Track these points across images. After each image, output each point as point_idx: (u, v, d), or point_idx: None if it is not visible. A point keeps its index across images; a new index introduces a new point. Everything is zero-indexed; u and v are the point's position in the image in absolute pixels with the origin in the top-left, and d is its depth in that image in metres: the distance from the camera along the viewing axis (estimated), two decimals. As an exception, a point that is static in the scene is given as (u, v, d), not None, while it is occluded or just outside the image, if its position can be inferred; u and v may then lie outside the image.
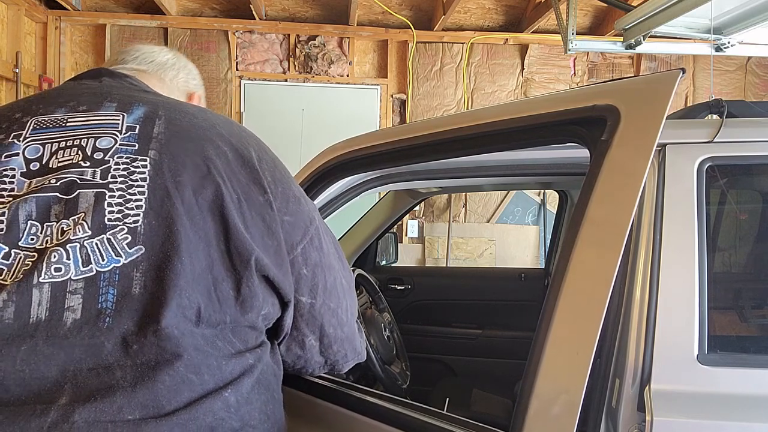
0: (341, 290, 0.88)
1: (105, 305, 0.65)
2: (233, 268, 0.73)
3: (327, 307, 0.85)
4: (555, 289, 0.79)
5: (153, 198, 0.71)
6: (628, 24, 3.07)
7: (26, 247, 0.67)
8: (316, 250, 0.83)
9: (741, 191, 1.15)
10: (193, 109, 0.84)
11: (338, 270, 0.88)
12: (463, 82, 4.72)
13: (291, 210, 0.80)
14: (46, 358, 0.63)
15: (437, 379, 2.50)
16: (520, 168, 1.62)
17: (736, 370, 0.90)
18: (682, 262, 0.92)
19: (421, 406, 0.97)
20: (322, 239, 0.86)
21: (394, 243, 2.90)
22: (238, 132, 0.84)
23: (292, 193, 0.82)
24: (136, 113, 0.79)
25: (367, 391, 1.07)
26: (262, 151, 0.83)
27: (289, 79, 4.57)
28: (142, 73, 1.00)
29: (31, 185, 0.71)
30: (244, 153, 0.79)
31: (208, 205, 0.72)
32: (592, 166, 0.83)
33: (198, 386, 0.67)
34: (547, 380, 0.77)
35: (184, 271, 0.68)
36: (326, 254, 0.85)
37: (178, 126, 0.78)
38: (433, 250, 4.73)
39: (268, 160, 0.82)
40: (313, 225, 0.84)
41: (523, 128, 0.98)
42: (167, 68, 1.06)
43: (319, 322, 0.85)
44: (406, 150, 1.16)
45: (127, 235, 0.68)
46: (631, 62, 4.90)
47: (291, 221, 0.80)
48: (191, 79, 1.11)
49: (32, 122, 0.77)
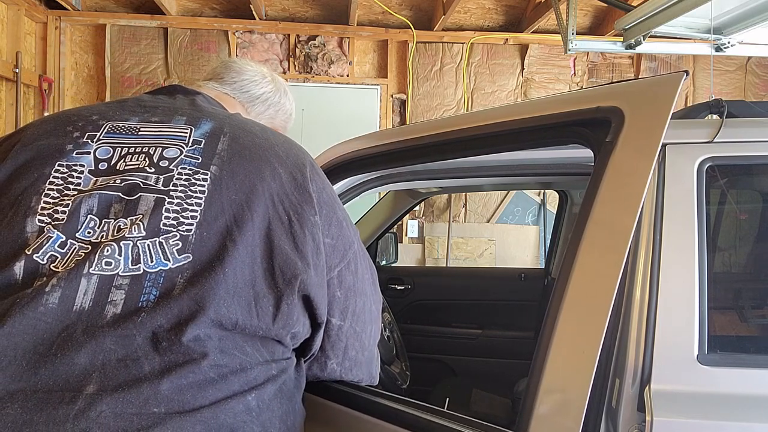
0: (369, 316, 0.91)
1: (145, 304, 0.68)
2: (275, 286, 0.75)
3: (353, 330, 0.87)
4: (560, 289, 0.80)
5: (208, 211, 0.74)
6: (628, 24, 3.07)
7: (82, 239, 0.71)
8: (352, 274, 0.85)
9: (741, 191, 1.15)
10: (256, 128, 0.88)
11: (369, 296, 0.91)
12: (463, 82, 4.72)
13: (333, 233, 0.83)
14: (79, 345, 0.64)
15: (437, 379, 2.50)
16: (520, 168, 1.62)
17: (736, 370, 0.90)
18: (682, 262, 0.92)
19: (423, 405, 0.97)
20: (359, 264, 0.88)
21: (394, 243, 2.90)
22: (296, 154, 0.87)
23: (336, 217, 0.85)
24: (204, 128, 0.83)
25: (368, 390, 1.07)
26: (315, 174, 0.86)
27: (290, 79, 4.57)
28: (228, 98, 1.05)
29: (96, 182, 0.75)
30: (298, 175, 0.82)
31: (257, 224, 0.75)
32: (596, 167, 0.83)
33: (223, 386, 0.68)
34: (552, 379, 0.77)
35: (226, 282, 0.71)
36: (360, 279, 0.88)
37: (241, 144, 0.82)
38: (433, 250, 4.73)
39: (319, 182, 0.85)
40: (351, 249, 0.86)
41: (528, 129, 0.98)
42: (258, 103, 1.10)
43: (344, 344, 0.87)
44: (409, 151, 1.16)
45: (179, 241, 0.72)
46: (631, 62, 4.90)
47: (332, 244, 0.83)
48: (279, 115, 1.15)
49: (107, 126, 0.82)
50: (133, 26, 4.45)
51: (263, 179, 0.78)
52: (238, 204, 0.75)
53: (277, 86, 1.14)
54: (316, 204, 0.81)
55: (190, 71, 4.49)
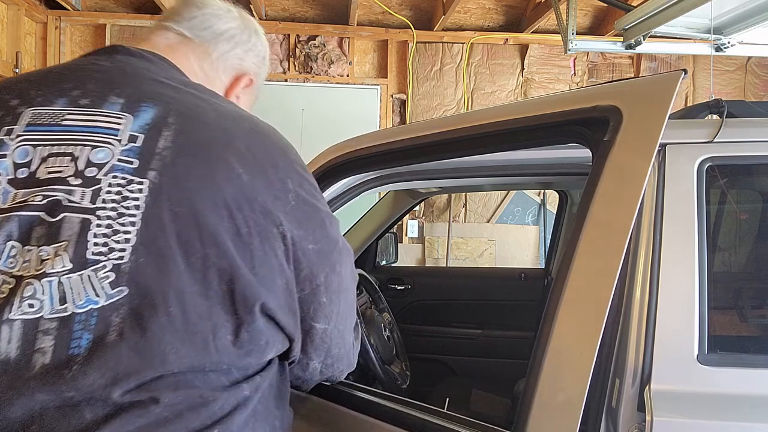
0: (351, 309, 0.84)
1: (77, 351, 0.58)
2: (234, 312, 0.65)
3: (337, 330, 0.81)
4: (558, 289, 0.80)
5: (146, 231, 0.62)
6: (628, 24, 3.07)
7: (4, 270, 0.60)
8: (337, 276, 0.78)
9: (741, 191, 1.15)
10: (211, 114, 0.72)
11: (351, 290, 0.83)
12: (463, 82, 4.72)
13: (317, 237, 0.74)
14: (9, 400, 0.56)
15: (437, 379, 2.50)
16: (520, 168, 1.62)
17: (736, 370, 0.90)
18: (682, 262, 0.92)
19: (423, 405, 0.97)
20: (343, 264, 0.79)
21: (394, 243, 2.90)
22: (262, 144, 0.73)
23: (319, 217, 0.75)
24: (144, 116, 0.68)
25: (368, 390, 1.07)
26: (289, 168, 0.73)
27: (289, 79, 4.57)
28: (185, 43, 0.85)
29: (16, 198, 0.63)
30: (262, 174, 0.69)
31: (209, 242, 0.63)
32: (594, 166, 0.83)
33: (178, 426, 0.61)
34: (550, 379, 0.77)
35: (173, 323, 0.61)
36: (344, 278, 0.80)
37: (189, 139, 0.67)
38: (433, 250, 4.73)
39: (296, 178, 0.73)
40: (336, 249, 0.78)
41: (526, 129, 0.98)
42: (222, 40, 0.88)
43: (327, 345, 0.81)
44: (407, 150, 1.16)
45: (110, 272, 0.60)
46: (631, 62, 4.89)
47: (317, 249, 0.73)
48: (249, 56, 0.92)
49: (28, 115, 0.67)
50: (133, 26, 4.45)
51: (216, 185, 0.65)
52: (182, 219, 0.63)
53: (245, 23, 0.95)
54: (290, 208, 0.70)
55: (190, 71, 4.48)
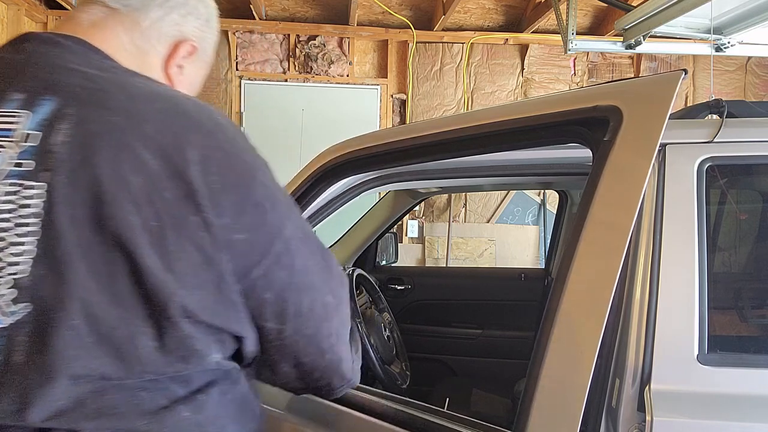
0: (322, 312, 0.72)
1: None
2: (151, 317, 0.59)
3: (301, 334, 0.70)
4: (558, 289, 0.79)
5: (44, 239, 0.56)
6: (628, 24, 3.07)
7: None
8: (285, 269, 0.67)
9: (741, 191, 1.15)
10: (119, 98, 0.63)
11: (319, 289, 0.71)
12: (463, 82, 4.72)
13: (246, 224, 0.64)
14: None
15: (437, 379, 2.50)
16: (520, 168, 1.62)
17: (736, 370, 0.90)
18: (682, 262, 0.92)
19: (423, 405, 0.97)
20: (295, 255, 0.69)
21: (394, 243, 2.90)
22: (178, 124, 0.63)
23: (251, 201, 0.65)
24: (42, 111, 0.60)
25: (368, 390, 1.07)
26: (210, 147, 0.63)
27: (289, 79, 4.57)
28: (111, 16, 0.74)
29: None
30: (175, 158, 0.60)
31: (113, 245, 0.57)
32: (594, 166, 0.83)
33: None
34: (550, 379, 0.77)
35: (78, 335, 0.56)
36: (300, 272, 0.69)
37: (88, 131, 0.59)
38: (433, 250, 4.72)
39: (220, 158, 0.63)
40: (280, 239, 0.67)
41: (526, 129, 0.98)
42: (153, 6, 0.77)
43: (292, 350, 0.70)
44: (407, 150, 1.16)
45: (12, 289, 0.56)
46: (631, 62, 4.89)
47: (246, 239, 0.64)
48: (188, 20, 0.80)
49: None
50: (133, 26, 4.45)
51: (119, 177, 0.58)
52: (81, 222, 0.57)
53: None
54: (211, 192, 0.61)
55: (190, 71, 4.48)
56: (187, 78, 0.82)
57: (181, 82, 0.82)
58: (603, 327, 0.74)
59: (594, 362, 0.74)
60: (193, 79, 0.85)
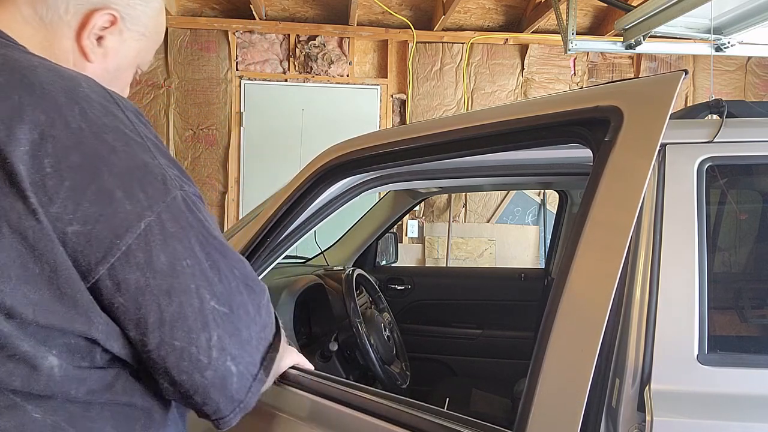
0: (197, 322, 0.61)
1: None
2: None
3: (170, 346, 0.60)
4: (558, 288, 0.79)
5: None
6: (628, 24, 3.07)
7: None
8: (139, 269, 0.58)
9: (741, 191, 1.15)
10: None
11: (195, 293, 0.61)
12: (463, 82, 4.72)
13: (86, 214, 0.56)
14: None
15: (437, 379, 2.50)
16: (520, 168, 1.62)
17: (736, 370, 0.90)
18: (682, 262, 0.92)
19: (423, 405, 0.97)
20: (155, 253, 0.59)
21: (394, 243, 2.91)
22: (16, 100, 0.56)
23: (94, 189, 0.57)
24: None
25: (368, 390, 1.07)
26: (53, 125, 0.56)
27: (289, 79, 4.57)
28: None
29: None
30: (1, 137, 0.54)
31: None
32: (595, 166, 0.83)
33: None
34: (551, 379, 0.77)
35: None
36: (162, 273, 0.59)
37: None
38: (433, 250, 4.73)
39: (62, 138, 0.56)
40: (131, 232, 0.58)
41: (526, 129, 0.98)
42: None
43: (162, 365, 0.61)
44: (407, 150, 1.16)
45: None
46: (631, 62, 4.89)
47: (81, 232, 0.55)
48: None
49: None
50: (133, 26, 4.45)
51: None
52: None
53: None
54: (34, 178, 0.54)
55: (190, 71, 4.49)
56: (112, 52, 0.74)
57: (103, 56, 0.73)
58: (604, 327, 0.74)
59: (595, 362, 0.74)
60: (124, 52, 0.75)
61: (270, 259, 1.31)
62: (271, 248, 1.30)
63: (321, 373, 1.13)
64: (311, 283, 1.98)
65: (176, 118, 4.49)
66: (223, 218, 4.51)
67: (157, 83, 4.47)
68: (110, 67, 0.75)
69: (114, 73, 0.76)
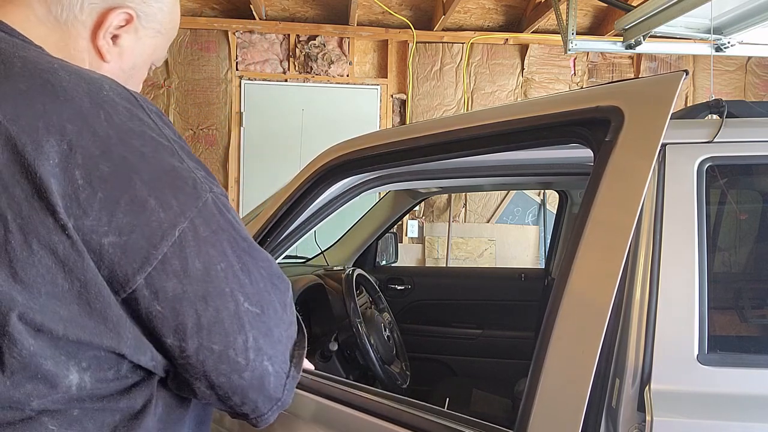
0: (233, 324, 0.62)
1: None
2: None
3: (209, 351, 0.61)
4: (559, 288, 0.79)
5: None
6: (628, 24, 3.07)
7: None
8: (176, 277, 0.58)
9: (741, 191, 1.15)
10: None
11: (229, 297, 0.62)
12: (463, 82, 4.72)
13: (120, 225, 0.55)
14: None
15: (437, 379, 2.50)
16: (520, 168, 1.62)
17: (736, 370, 0.90)
18: (682, 262, 0.92)
19: (423, 405, 0.97)
20: (190, 259, 0.59)
21: (394, 243, 2.91)
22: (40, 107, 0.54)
23: (128, 198, 0.56)
24: None
25: (368, 390, 1.07)
26: (80, 133, 0.55)
27: (289, 79, 4.57)
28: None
29: None
30: (28, 148, 0.52)
31: None
32: (595, 167, 0.83)
33: None
34: (551, 379, 0.77)
35: None
36: (198, 279, 0.59)
37: None
38: (433, 250, 4.73)
39: (90, 146, 0.55)
40: (167, 240, 0.57)
41: (527, 129, 0.98)
42: None
43: (201, 370, 0.62)
44: (407, 150, 1.16)
45: None
46: (631, 62, 4.90)
47: (118, 243, 0.55)
48: None
49: None
50: (133, 26, 4.45)
51: None
52: None
53: None
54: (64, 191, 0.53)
55: (190, 71, 4.49)
56: (128, 51, 0.73)
57: (119, 55, 0.72)
58: (604, 327, 0.74)
59: (595, 362, 0.74)
60: (139, 50, 0.75)
61: (270, 259, 1.31)
62: (272, 248, 1.30)
63: (321, 373, 1.14)
64: (311, 283, 1.98)
65: (176, 118, 4.49)
66: (223, 218, 4.50)
67: (157, 83, 4.47)
68: (126, 66, 0.74)
69: (129, 72, 0.75)
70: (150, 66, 0.80)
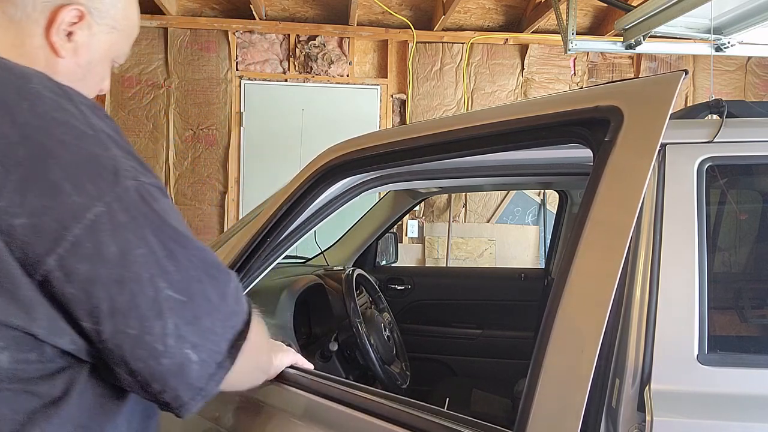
0: (153, 309, 0.62)
1: None
2: None
3: (124, 335, 0.61)
4: (559, 288, 0.79)
5: None
6: (628, 24, 3.07)
7: None
8: (88, 259, 0.58)
9: (741, 191, 1.15)
10: None
11: (147, 281, 0.62)
12: (463, 82, 4.72)
13: (32, 207, 0.56)
14: None
15: (437, 379, 2.50)
16: (520, 168, 1.62)
17: (736, 370, 0.90)
18: (682, 262, 0.92)
19: (423, 405, 0.97)
20: (104, 242, 0.59)
21: (394, 243, 2.91)
22: None
23: (41, 181, 0.57)
24: None
25: (368, 390, 1.07)
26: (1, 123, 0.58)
27: (289, 79, 4.57)
28: None
29: None
30: None
31: None
32: (595, 167, 0.83)
33: None
34: (551, 379, 0.77)
35: None
36: (112, 263, 0.60)
37: None
38: (433, 250, 4.73)
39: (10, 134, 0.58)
40: (79, 222, 0.58)
41: (526, 129, 0.98)
42: None
43: (118, 354, 0.62)
44: (407, 150, 1.16)
45: None
46: (631, 62, 4.90)
47: (29, 224, 0.56)
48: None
49: None
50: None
51: None
52: None
53: None
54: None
55: (190, 71, 4.49)
56: (83, 46, 0.75)
57: (73, 51, 0.74)
58: (604, 327, 0.74)
59: (595, 362, 0.74)
60: (95, 46, 0.77)
61: (270, 259, 1.31)
62: (272, 248, 1.30)
63: (321, 372, 1.13)
64: (311, 283, 1.98)
65: (176, 118, 4.49)
66: (223, 218, 4.51)
67: (157, 83, 4.48)
68: (82, 62, 0.76)
69: (87, 67, 0.77)
70: (112, 62, 0.82)
